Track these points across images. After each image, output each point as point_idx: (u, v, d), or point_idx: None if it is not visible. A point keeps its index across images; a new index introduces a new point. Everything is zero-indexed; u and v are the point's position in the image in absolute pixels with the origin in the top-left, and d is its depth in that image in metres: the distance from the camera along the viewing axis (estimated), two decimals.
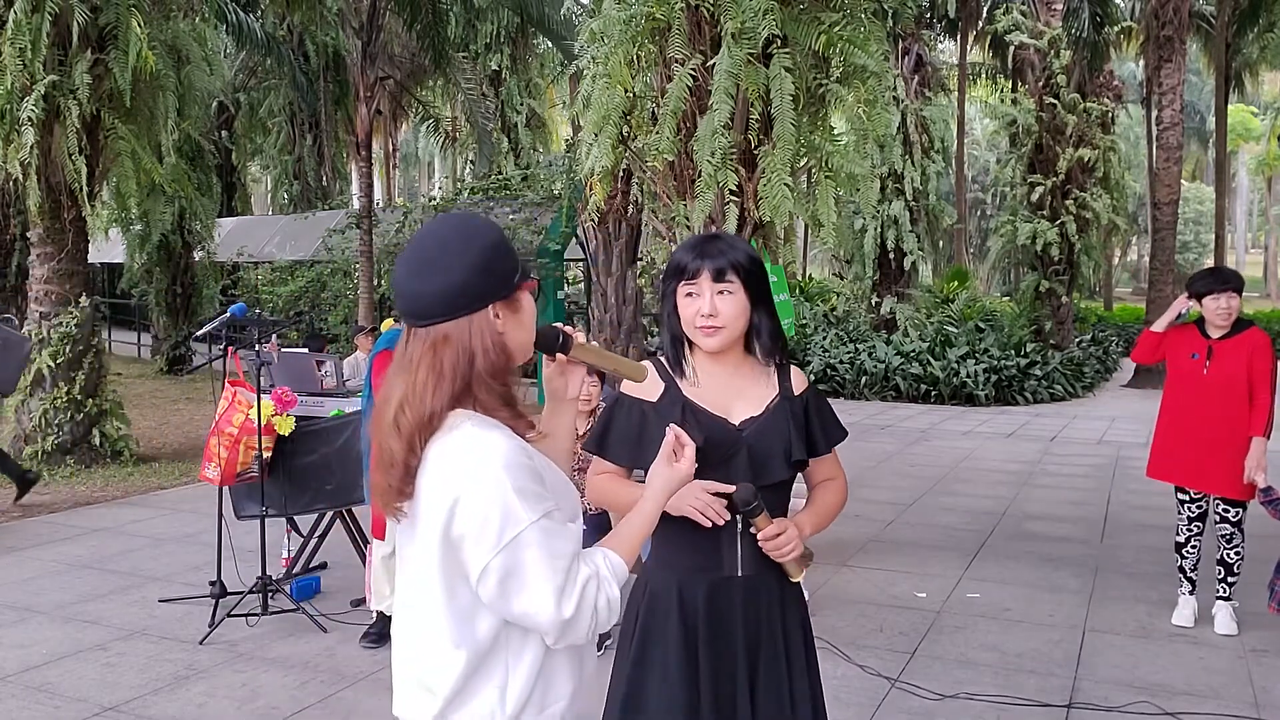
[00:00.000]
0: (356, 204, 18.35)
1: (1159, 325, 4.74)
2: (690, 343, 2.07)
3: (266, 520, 4.93)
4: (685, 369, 2.06)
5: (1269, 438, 4.45)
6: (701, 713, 1.96)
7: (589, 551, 1.53)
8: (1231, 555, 4.60)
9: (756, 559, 2.00)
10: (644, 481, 1.76)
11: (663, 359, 2.11)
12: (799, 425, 2.05)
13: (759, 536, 1.95)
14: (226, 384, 4.91)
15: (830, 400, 2.14)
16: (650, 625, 2.03)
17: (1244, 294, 4.60)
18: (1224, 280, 4.54)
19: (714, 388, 2.05)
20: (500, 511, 1.41)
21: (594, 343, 1.73)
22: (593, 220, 7.81)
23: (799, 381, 2.11)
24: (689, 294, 2.01)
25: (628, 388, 2.05)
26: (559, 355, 1.67)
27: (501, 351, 1.52)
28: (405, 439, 1.48)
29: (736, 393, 2.05)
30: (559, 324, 1.70)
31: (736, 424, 2.02)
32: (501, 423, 1.50)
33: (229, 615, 4.65)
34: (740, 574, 2.01)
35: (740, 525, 1.99)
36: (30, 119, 7.89)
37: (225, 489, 4.97)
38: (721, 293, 1.97)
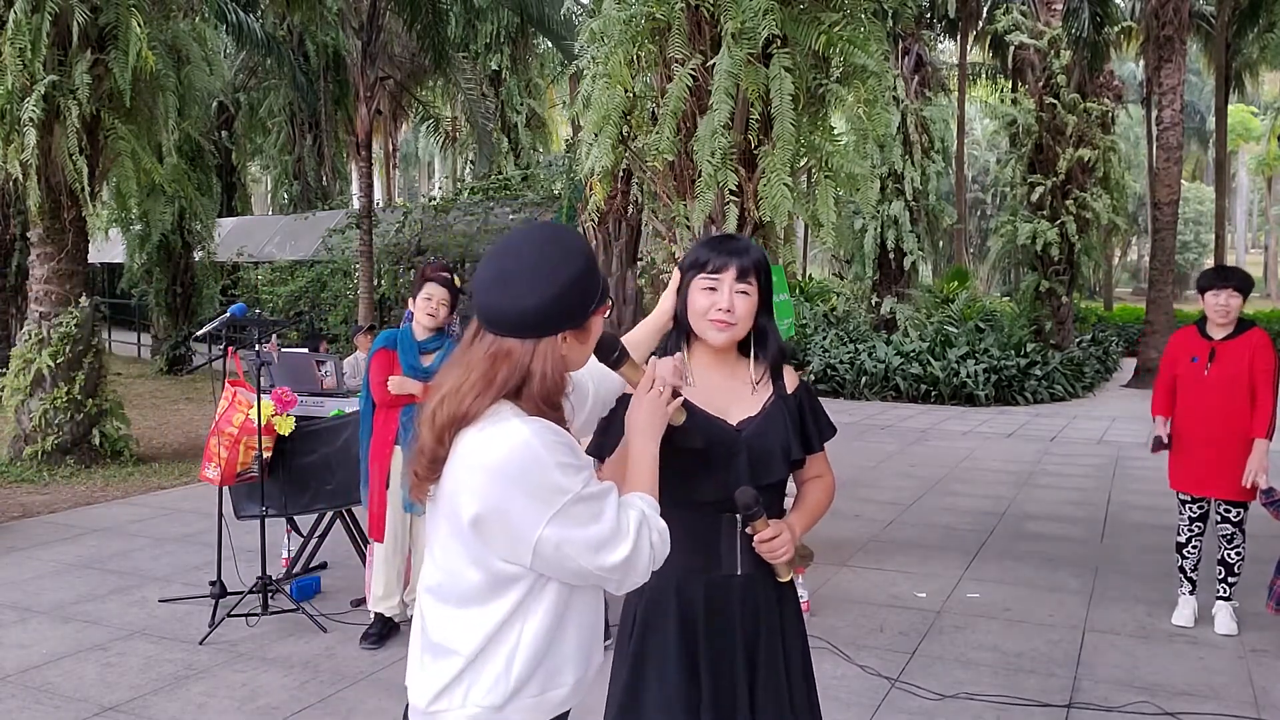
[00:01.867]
0: (356, 204, 18.38)
1: (1152, 437, 4.81)
2: (690, 341, 2.08)
3: (266, 520, 4.92)
4: (685, 368, 2.07)
5: (1271, 439, 4.45)
6: (701, 711, 1.97)
7: (625, 497, 1.63)
8: (1232, 555, 4.60)
9: (755, 558, 2.00)
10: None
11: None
12: (794, 423, 2.09)
13: (756, 539, 1.96)
14: (226, 384, 4.91)
15: (830, 400, 2.15)
16: (649, 623, 2.03)
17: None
18: (1225, 278, 4.55)
19: (711, 389, 2.06)
20: (546, 487, 1.50)
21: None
22: (593, 220, 7.79)
23: (791, 380, 2.14)
24: (707, 288, 2.03)
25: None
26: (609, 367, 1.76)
27: (560, 376, 1.59)
28: (436, 432, 1.56)
29: (732, 393, 2.07)
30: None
31: (734, 424, 2.04)
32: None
33: (229, 615, 4.65)
34: (739, 572, 2.02)
35: (739, 524, 2.00)
36: (30, 119, 7.89)
37: (225, 489, 4.97)
38: (741, 292, 2.01)
